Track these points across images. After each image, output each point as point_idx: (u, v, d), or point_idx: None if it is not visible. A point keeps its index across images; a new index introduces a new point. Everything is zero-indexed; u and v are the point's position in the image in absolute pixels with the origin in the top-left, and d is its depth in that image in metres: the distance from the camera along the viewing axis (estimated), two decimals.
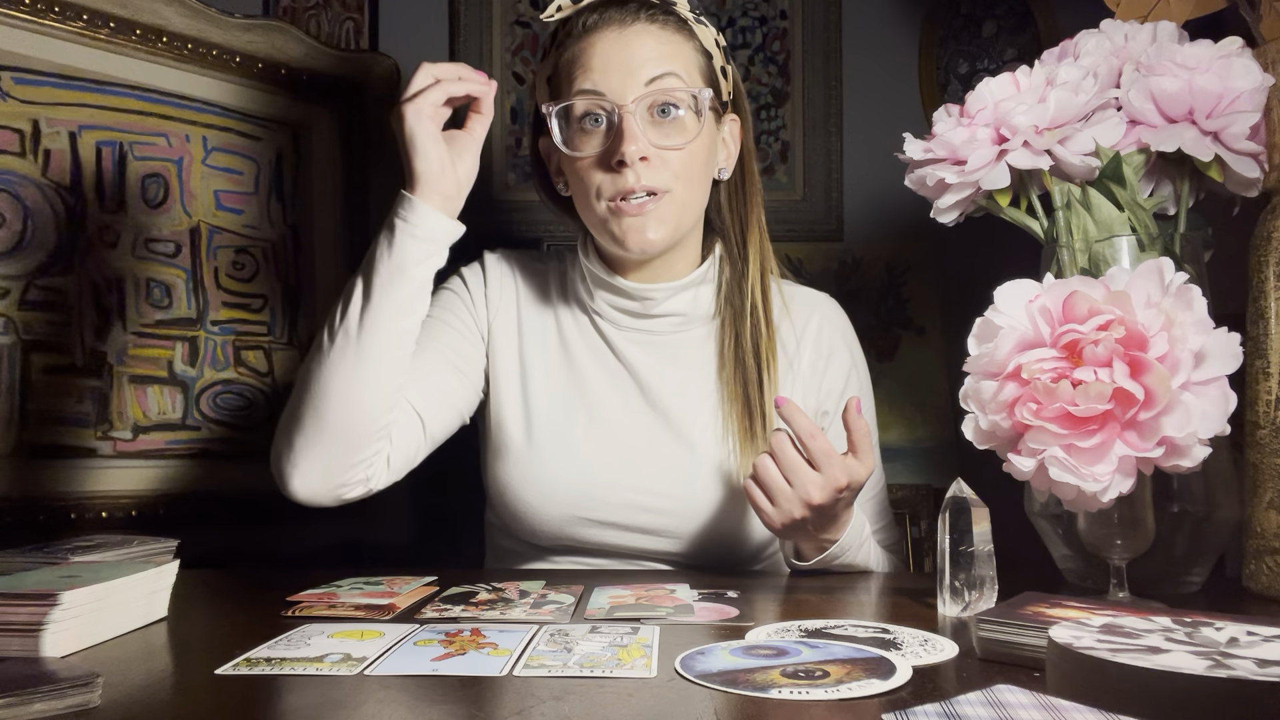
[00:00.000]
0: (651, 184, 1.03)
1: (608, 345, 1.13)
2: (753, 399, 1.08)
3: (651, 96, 1.02)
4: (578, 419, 1.10)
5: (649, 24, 1.03)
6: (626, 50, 1.02)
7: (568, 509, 1.07)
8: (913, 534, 1.68)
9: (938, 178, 0.96)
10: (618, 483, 1.07)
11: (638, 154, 1.01)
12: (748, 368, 1.09)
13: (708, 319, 1.14)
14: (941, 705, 0.51)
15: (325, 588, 0.93)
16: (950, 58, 1.97)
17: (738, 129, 1.13)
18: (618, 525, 1.08)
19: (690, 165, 1.04)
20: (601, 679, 0.63)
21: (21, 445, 1.30)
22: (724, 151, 1.12)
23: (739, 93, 1.13)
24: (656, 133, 1.03)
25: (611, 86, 1.01)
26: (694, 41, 1.06)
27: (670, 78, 1.02)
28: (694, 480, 1.08)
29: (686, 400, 1.10)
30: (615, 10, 1.03)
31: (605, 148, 1.02)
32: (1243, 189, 0.93)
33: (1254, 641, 0.56)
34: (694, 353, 1.12)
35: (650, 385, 1.11)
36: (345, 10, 1.97)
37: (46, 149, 1.36)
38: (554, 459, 1.08)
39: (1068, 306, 0.76)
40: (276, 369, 1.57)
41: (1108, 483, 0.73)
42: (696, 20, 1.06)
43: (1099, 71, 0.94)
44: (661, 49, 1.03)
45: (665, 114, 1.03)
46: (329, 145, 1.66)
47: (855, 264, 1.93)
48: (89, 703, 0.58)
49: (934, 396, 1.87)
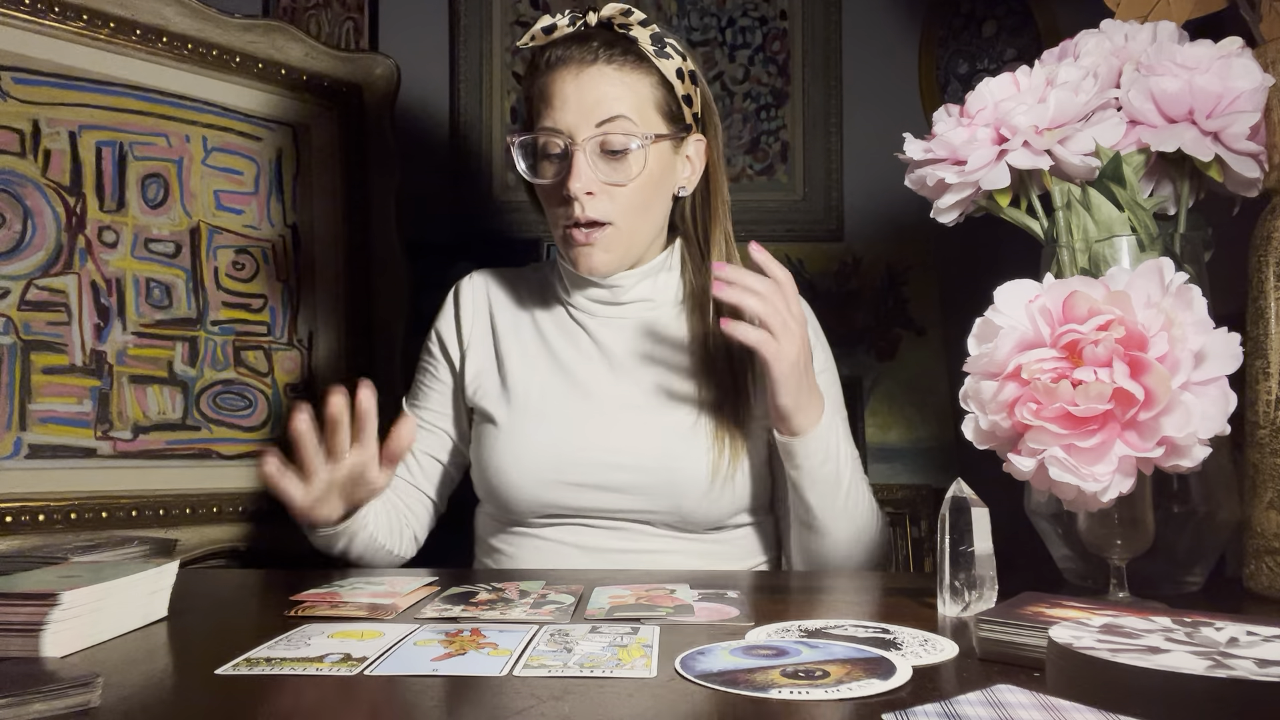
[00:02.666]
0: (597, 216, 1.10)
1: (585, 331, 1.21)
2: (724, 378, 1.15)
3: (601, 137, 1.09)
4: (553, 394, 1.18)
5: (606, 65, 1.10)
6: (581, 91, 1.09)
7: (544, 474, 1.13)
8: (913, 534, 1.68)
9: (938, 178, 0.96)
10: (591, 444, 1.13)
11: (583, 189, 1.09)
12: (716, 350, 1.16)
13: (676, 302, 1.22)
14: (941, 705, 0.51)
15: (327, 587, 0.93)
16: (950, 58, 1.97)
17: (704, 147, 1.19)
18: (592, 486, 1.12)
19: (635, 199, 1.12)
20: (601, 679, 0.63)
21: (21, 445, 1.30)
22: (688, 169, 1.19)
23: (708, 110, 1.19)
24: (606, 168, 1.10)
25: (567, 123, 1.09)
26: (653, 76, 1.12)
27: (621, 120, 1.09)
28: (663, 437, 1.13)
29: (658, 371, 1.17)
30: (577, 49, 1.10)
31: (558, 179, 1.11)
32: (1243, 189, 0.93)
33: (1254, 641, 0.56)
34: (664, 330, 1.20)
35: (623, 361, 1.18)
36: (345, 10, 1.97)
37: (46, 149, 1.36)
38: (531, 430, 1.15)
39: (1068, 306, 0.76)
40: (276, 369, 1.57)
41: (1108, 483, 0.73)
42: (659, 54, 1.12)
43: (1099, 71, 0.94)
44: (615, 90, 1.10)
45: (614, 154, 1.10)
46: (329, 145, 1.66)
47: (855, 264, 1.93)
48: (89, 703, 0.58)
49: (934, 396, 1.87)
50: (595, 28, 1.12)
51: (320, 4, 1.97)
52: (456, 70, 1.98)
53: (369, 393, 1.00)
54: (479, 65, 1.97)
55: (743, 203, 1.97)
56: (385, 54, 1.76)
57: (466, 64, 1.97)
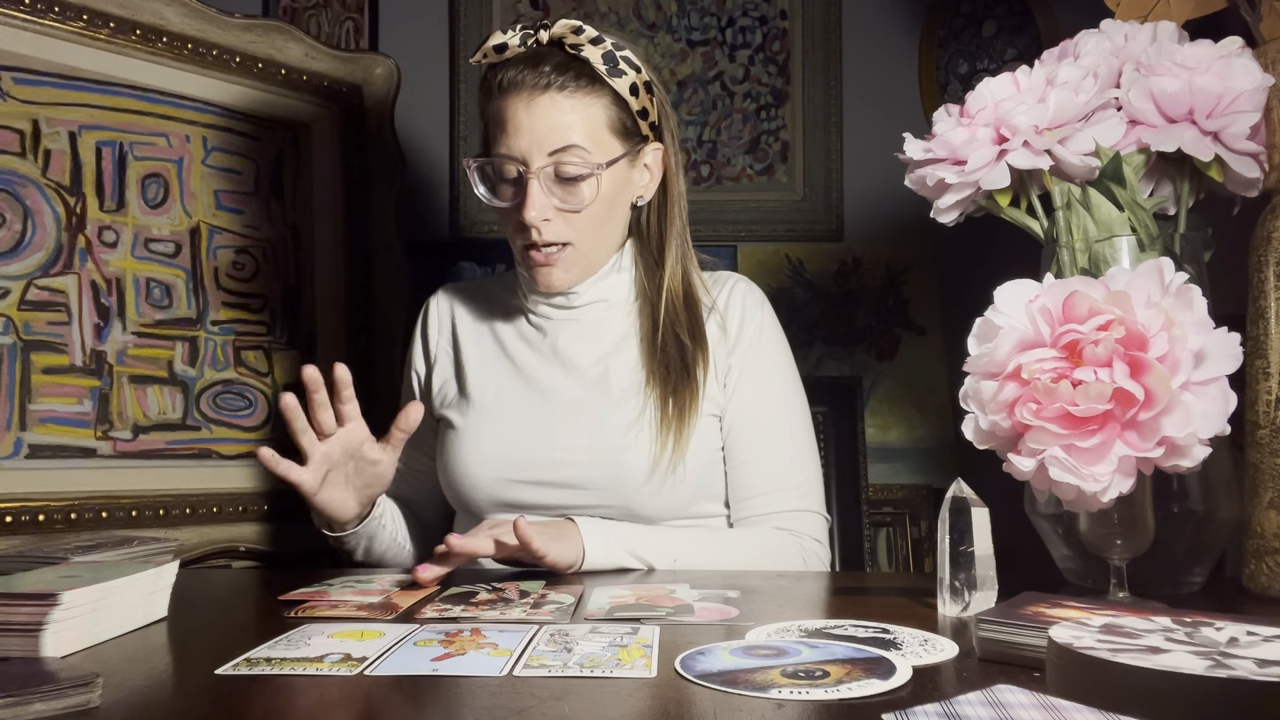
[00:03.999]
0: (554, 238, 1.13)
1: (542, 335, 1.23)
2: (674, 373, 1.16)
3: (553, 165, 1.10)
4: (508, 396, 1.21)
5: (558, 93, 1.10)
6: (532, 120, 1.10)
7: (499, 472, 1.16)
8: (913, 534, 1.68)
9: (938, 178, 0.96)
10: (543, 443, 1.16)
11: (539, 218, 1.11)
12: (667, 345, 1.18)
13: (629, 302, 1.23)
14: (941, 705, 0.51)
15: (317, 586, 0.94)
16: (950, 58, 1.97)
17: (661, 154, 1.20)
18: (544, 483, 1.15)
19: (591, 221, 1.14)
20: (601, 679, 0.63)
21: (21, 445, 1.30)
22: (646, 177, 1.20)
23: (664, 116, 1.21)
24: (561, 193, 1.12)
25: (521, 149, 1.10)
26: (607, 97, 1.13)
27: (573, 150, 1.10)
28: (607, 431, 1.15)
29: (609, 371, 1.19)
30: (529, 73, 1.10)
31: (515, 203, 1.12)
32: (1243, 189, 0.93)
33: (1254, 641, 0.56)
34: (616, 331, 1.22)
35: (576, 363, 1.20)
36: (345, 10, 1.97)
37: (46, 149, 1.36)
38: (485, 430, 1.19)
39: (1068, 306, 0.76)
40: (276, 369, 1.57)
41: (1108, 483, 0.73)
42: (611, 72, 1.13)
43: (1099, 71, 0.94)
44: (567, 119, 1.10)
45: (569, 180, 1.11)
46: (329, 145, 1.66)
47: (855, 264, 1.93)
48: (89, 703, 0.58)
49: (934, 396, 1.87)
50: (547, 47, 1.12)
51: (320, 4, 1.97)
52: (456, 70, 1.98)
53: (342, 366, 1.05)
54: (479, 65, 1.97)
55: (743, 203, 1.98)
56: (385, 54, 1.76)
57: (466, 64, 1.97)
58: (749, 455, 1.18)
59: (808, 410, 1.23)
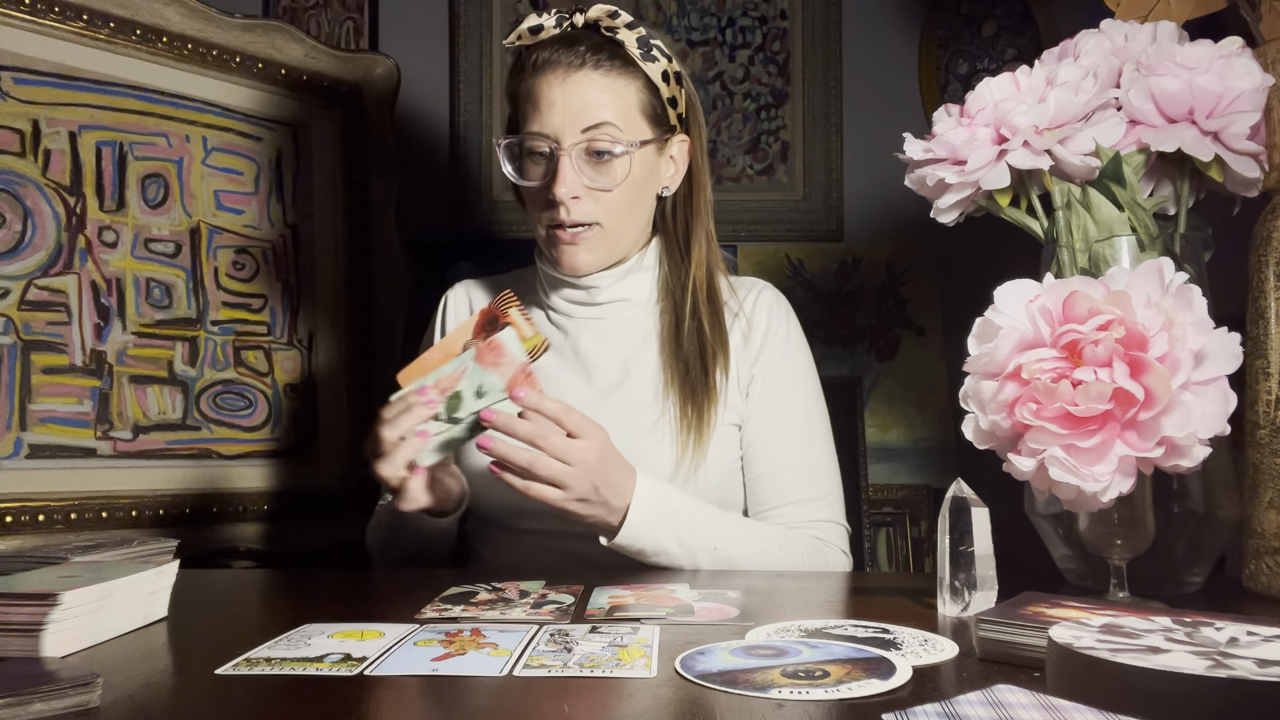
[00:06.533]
0: (582, 218, 1.12)
1: (562, 333, 1.22)
2: (694, 375, 1.16)
3: (586, 143, 1.10)
4: None
5: (593, 71, 1.11)
6: (567, 96, 1.10)
7: None
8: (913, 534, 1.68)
9: (938, 178, 0.96)
10: None
11: (568, 194, 1.10)
12: (687, 347, 1.17)
13: (651, 303, 1.22)
14: (941, 705, 0.51)
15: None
16: (950, 58, 1.97)
17: (687, 147, 1.20)
18: None
19: (621, 202, 1.13)
20: (601, 679, 0.63)
21: (21, 445, 1.30)
22: (671, 169, 1.20)
23: (692, 110, 1.21)
24: (591, 172, 1.12)
25: (553, 127, 1.10)
26: (639, 80, 1.13)
27: (606, 127, 1.10)
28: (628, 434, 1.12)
29: (630, 375, 1.18)
30: (564, 52, 1.11)
31: (544, 182, 1.12)
32: (1243, 189, 0.93)
33: (1254, 641, 0.56)
34: (638, 333, 1.21)
35: (597, 362, 1.19)
36: (345, 10, 1.97)
37: (46, 149, 1.36)
38: None
39: (1068, 306, 0.76)
40: (276, 369, 1.57)
41: (1108, 483, 0.73)
42: (645, 57, 1.13)
43: (1099, 71, 0.94)
44: (601, 96, 1.11)
45: (600, 157, 1.11)
46: (329, 145, 1.66)
47: (855, 264, 1.93)
48: (89, 703, 0.58)
49: (934, 396, 1.87)
50: (582, 29, 1.13)
51: (320, 4, 1.97)
52: (456, 70, 1.98)
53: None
54: (479, 65, 1.97)
55: (743, 203, 1.98)
56: (385, 54, 1.76)
57: (466, 64, 1.97)
58: (773, 465, 1.17)
59: (829, 421, 1.22)
